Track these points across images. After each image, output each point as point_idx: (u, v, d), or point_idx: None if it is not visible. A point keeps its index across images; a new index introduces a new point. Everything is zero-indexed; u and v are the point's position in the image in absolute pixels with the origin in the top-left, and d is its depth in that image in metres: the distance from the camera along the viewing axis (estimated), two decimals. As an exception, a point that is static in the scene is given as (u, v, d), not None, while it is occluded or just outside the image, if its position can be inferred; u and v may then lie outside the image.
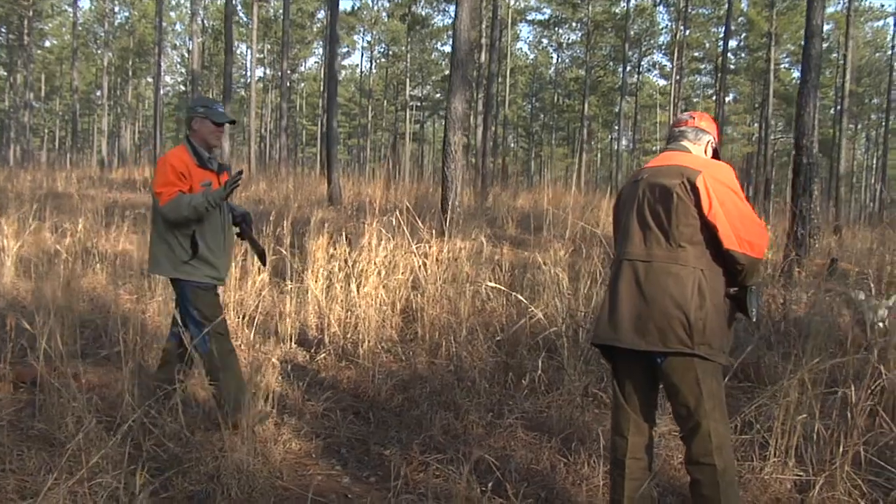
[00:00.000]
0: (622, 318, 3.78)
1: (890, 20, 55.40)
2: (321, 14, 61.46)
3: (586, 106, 55.38)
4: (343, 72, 76.57)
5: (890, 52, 56.71)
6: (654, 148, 67.12)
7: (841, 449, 4.66)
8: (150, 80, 66.02)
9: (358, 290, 7.95)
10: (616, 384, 3.98)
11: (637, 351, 3.75)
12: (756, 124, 57.87)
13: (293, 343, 7.65)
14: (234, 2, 35.28)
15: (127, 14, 64.76)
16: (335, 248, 8.60)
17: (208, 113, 5.39)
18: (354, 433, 5.64)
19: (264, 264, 6.11)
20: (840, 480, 4.55)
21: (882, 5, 71.31)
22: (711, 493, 3.69)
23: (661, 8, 56.61)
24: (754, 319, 3.97)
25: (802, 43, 15.11)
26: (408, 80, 66.38)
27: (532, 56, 73.77)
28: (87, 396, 5.24)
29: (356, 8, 66.89)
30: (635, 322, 3.73)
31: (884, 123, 56.89)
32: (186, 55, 62.05)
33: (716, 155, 4.19)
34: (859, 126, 68.29)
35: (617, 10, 54.99)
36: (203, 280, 5.35)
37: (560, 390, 6.16)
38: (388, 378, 6.60)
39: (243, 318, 8.07)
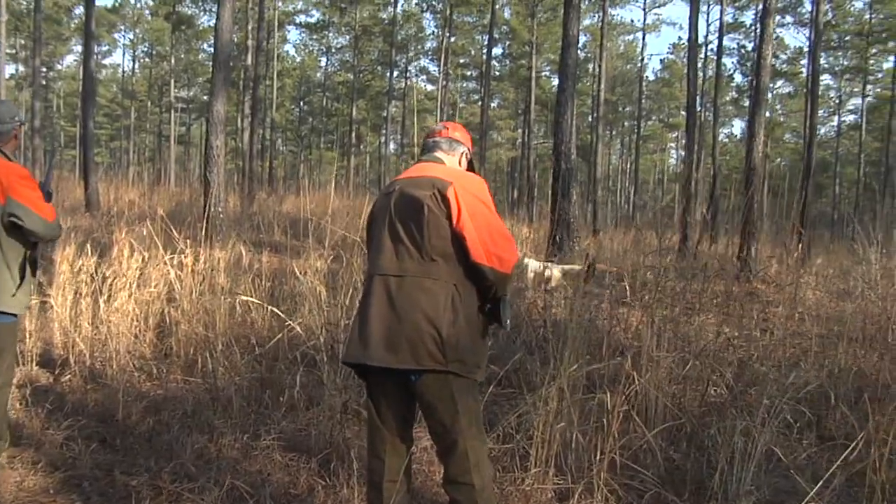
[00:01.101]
0: (373, 335, 3.60)
1: (639, 34, 58.45)
2: (79, 10, 58.68)
3: (355, 110, 55.52)
4: (104, 71, 73.65)
5: (640, 64, 60.07)
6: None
7: (598, 455, 4.72)
8: None
9: (108, 305, 7.49)
10: (371, 404, 3.81)
11: (390, 369, 3.60)
12: (520, 129, 59.58)
13: (34, 364, 7.11)
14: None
15: None
16: (84, 260, 8.07)
17: (22, 120, 4.81)
18: (99, 463, 5.22)
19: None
20: (598, 487, 4.58)
21: (632, 21, 75.41)
22: None
23: (427, 14, 57.43)
24: (508, 328, 3.92)
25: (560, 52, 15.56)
26: (173, 81, 64.44)
27: (300, 59, 73.18)
28: None
29: (117, 5, 64.19)
30: (387, 339, 3.57)
31: (636, 130, 59.97)
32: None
33: (470, 167, 4.12)
34: (614, 132, 71.60)
35: (384, 16, 55.39)
36: (15, 311, 4.67)
37: (320, 406, 5.96)
38: (139, 400, 6.21)
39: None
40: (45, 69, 60.72)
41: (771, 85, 50.48)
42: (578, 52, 17.31)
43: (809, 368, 6.73)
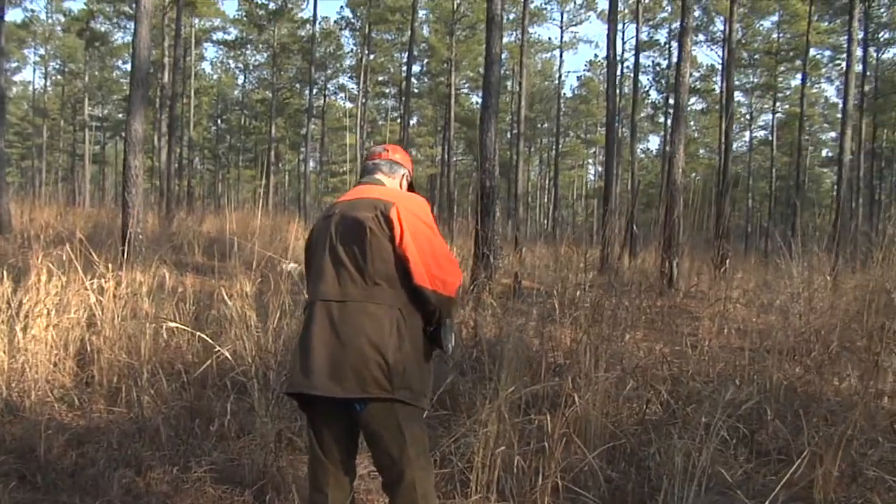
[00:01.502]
0: (316, 363, 3.46)
1: (557, 52, 59.12)
2: (-13, 27, 57.38)
3: (273, 128, 55.02)
4: (14, 88, 71.88)
5: (557, 81, 60.69)
6: (341, 169, 67.66)
7: (540, 479, 4.63)
8: None
9: (24, 333, 7.17)
10: (312, 436, 3.65)
11: (334, 399, 3.45)
12: (439, 146, 59.67)
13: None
14: None
15: None
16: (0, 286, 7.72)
17: None
18: (20, 501, 4.95)
19: None
20: (540, 511, 4.50)
21: (549, 38, 76.36)
22: None
23: (346, 32, 57.28)
24: (449, 353, 3.83)
25: (481, 70, 15.63)
26: (86, 98, 63.24)
27: (217, 77, 72.40)
28: None
29: (27, 20, 62.69)
30: (330, 367, 3.43)
31: (554, 147, 60.54)
32: None
33: (411, 188, 4.02)
34: (532, 149, 72.14)
35: (303, 33, 55.06)
36: None
37: (252, 435, 5.75)
38: (60, 432, 5.90)
39: None
40: (-49, 86, 59.19)
41: (686, 101, 51.42)
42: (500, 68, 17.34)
43: (741, 384, 6.72)
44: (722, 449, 5.46)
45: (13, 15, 62.48)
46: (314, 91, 53.59)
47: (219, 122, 73.66)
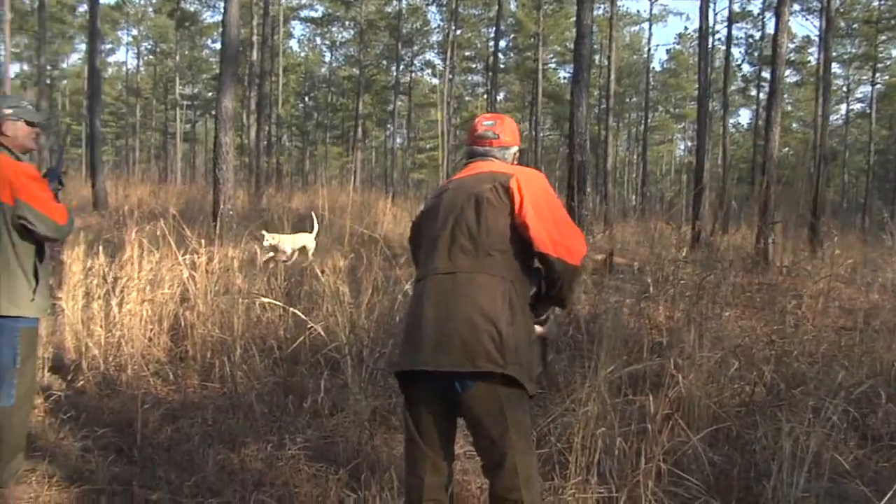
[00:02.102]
0: (424, 338, 3.32)
1: (646, 25, 58.16)
2: (83, 7, 58.37)
3: (360, 104, 55.20)
4: (109, 69, 73.40)
5: (646, 55, 59.70)
6: (427, 146, 67.74)
7: (642, 462, 4.47)
8: None
9: (120, 308, 7.23)
10: (409, 419, 3.50)
11: (436, 380, 3.31)
12: (526, 122, 59.24)
13: (47, 371, 6.84)
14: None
15: None
16: (94, 261, 7.81)
17: (20, 113, 4.56)
18: (117, 476, 4.94)
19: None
20: (643, 495, 4.33)
21: (638, 11, 75.16)
22: None
23: (433, 8, 57.06)
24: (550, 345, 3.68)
25: (568, 44, 15.41)
26: (177, 77, 64.25)
27: (304, 54, 72.89)
28: None
29: (121, 2, 63.90)
30: (437, 340, 3.28)
31: (643, 122, 59.65)
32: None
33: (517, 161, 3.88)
34: (621, 124, 71.23)
35: (390, 10, 55.00)
36: (37, 316, 4.60)
37: (346, 412, 5.68)
38: (156, 407, 5.92)
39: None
40: (49, 67, 60.49)
41: (779, 74, 50.18)
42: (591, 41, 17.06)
43: (850, 365, 6.46)
44: (831, 433, 5.24)
45: (106, -3, 63.64)
46: (401, 67, 53.70)
47: (306, 99, 74.21)
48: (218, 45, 55.84)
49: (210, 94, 65.15)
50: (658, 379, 5.72)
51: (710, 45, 40.62)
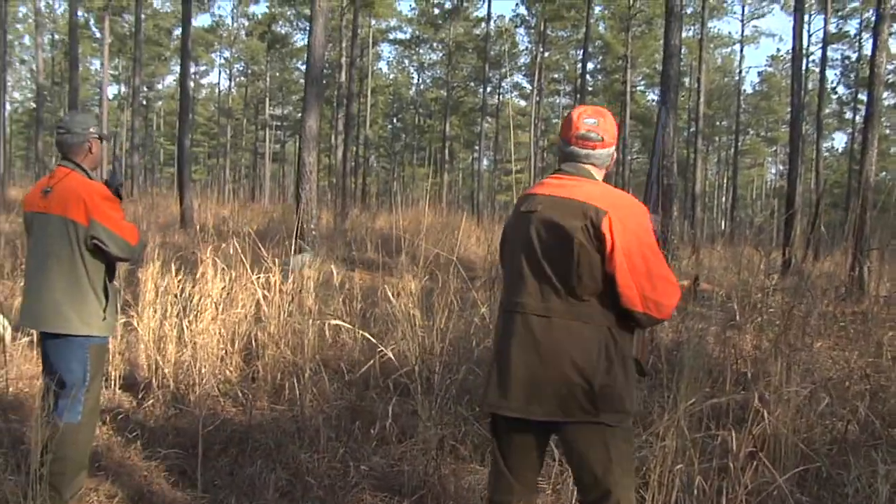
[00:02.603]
0: (513, 382, 3.18)
1: (737, 47, 57.26)
2: (178, 31, 59.83)
3: (448, 126, 55.36)
4: (202, 90, 75.03)
5: (737, 77, 58.73)
6: (516, 168, 67.61)
7: (724, 502, 4.22)
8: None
9: (193, 326, 7.18)
10: (498, 449, 3.36)
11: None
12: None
13: (118, 388, 6.82)
14: (81, 16, 34.09)
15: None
16: (169, 278, 7.77)
17: (102, 133, 4.70)
18: (177, 499, 4.87)
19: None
20: (723, 538, 4.09)
21: (729, 33, 73.95)
22: None
23: (521, 30, 57.10)
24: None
25: (657, 66, 15.12)
26: (268, 98, 65.40)
27: (393, 76, 73.51)
28: None
29: (214, 25, 65.39)
30: (530, 388, 3.15)
31: (733, 145, 58.66)
32: (35, 70, 59.37)
33: None
34: (710, 147, 70.25)
35: (478, 32, 55.18)
36: (107, 334, 4.62)
37: (414, 440, 5.52)
38: (222, 428, 5.83)
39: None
40: (145, 89, 62.12)
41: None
42: (679, 62, 16.75)
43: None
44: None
45: (201, 20, 65.18)
46: (488, 89, 53.69)
47: (394, 120, 74.85)
48: (307, 67, 56.55)
49: (299, 114, 66.03)
50: (742, 413, 5.43)
51: (803, 67, 39.83)
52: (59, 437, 4.39)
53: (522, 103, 66.81)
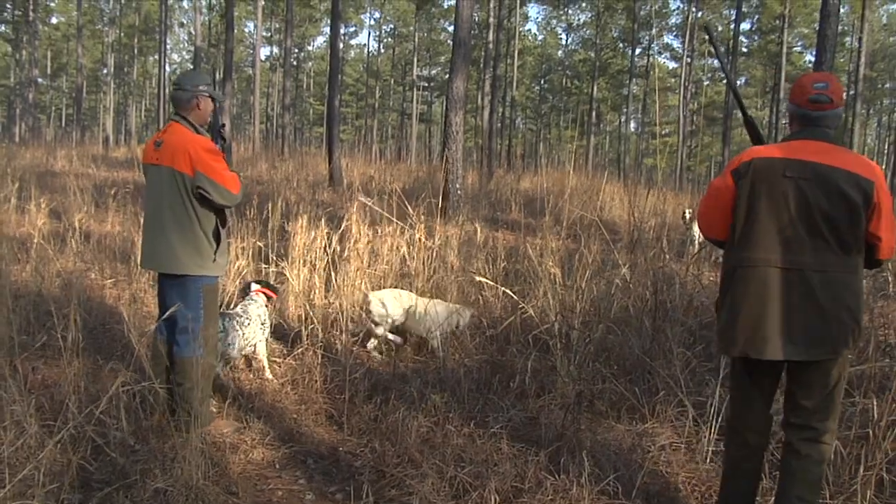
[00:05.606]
0: (780, 331, 3.57)
1: (905, 4, 54.56)
2: (329, -8, 60.76)
3: (595, 88, 54.74)
4: (351, 52, 76.10)
5: (905, 37, 55.96)
6: (664, 131, 66.38)
7: (861, 469, 4.19)
8: (156, 57, 65.16)
9: (340, 279, 7.44)
10: (743, 385, 3.87)
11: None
12: (767, 108, 57.02)
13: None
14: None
15: (133, -10, 63.94)
16: (318, 233, 8.05)
17: (212, 92, 5.06)
18: (325, 441, 5.13)
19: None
20: (861, 505, 4.08)
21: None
22: (818, 471, 3.69)
23: (672, -11, 55.82)
24: None
25: (815, 25, 14.59)
26: (415, 60, 65.81)
27: (541, 37, 72.94)
28: (33, 396, 4.79)
29: (365, -14, 66.10)
30: (801, 334, 3.55)
31: (896, 108, 56.18)
32: (193, 33, 61.26)
33: None
34: (871, 111, 67.44)
35: (628, -10, 54.25)
36: (218, 274, 5.08)
37: (552, 394, 5.63)
38: (367, 377, 6.06)
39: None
40: (296, 50, 63.23)
41: None
42: (838, 22, 16.17)
43: None
44: None
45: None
46: (637, 50, 52.83)
47: (542, 82, 74.32)
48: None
49: (446, 75, 66.32)
50: (886, 382, 5.35)
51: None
52: (180, 370, 4.90)
53: (672, 65, 65.52)
